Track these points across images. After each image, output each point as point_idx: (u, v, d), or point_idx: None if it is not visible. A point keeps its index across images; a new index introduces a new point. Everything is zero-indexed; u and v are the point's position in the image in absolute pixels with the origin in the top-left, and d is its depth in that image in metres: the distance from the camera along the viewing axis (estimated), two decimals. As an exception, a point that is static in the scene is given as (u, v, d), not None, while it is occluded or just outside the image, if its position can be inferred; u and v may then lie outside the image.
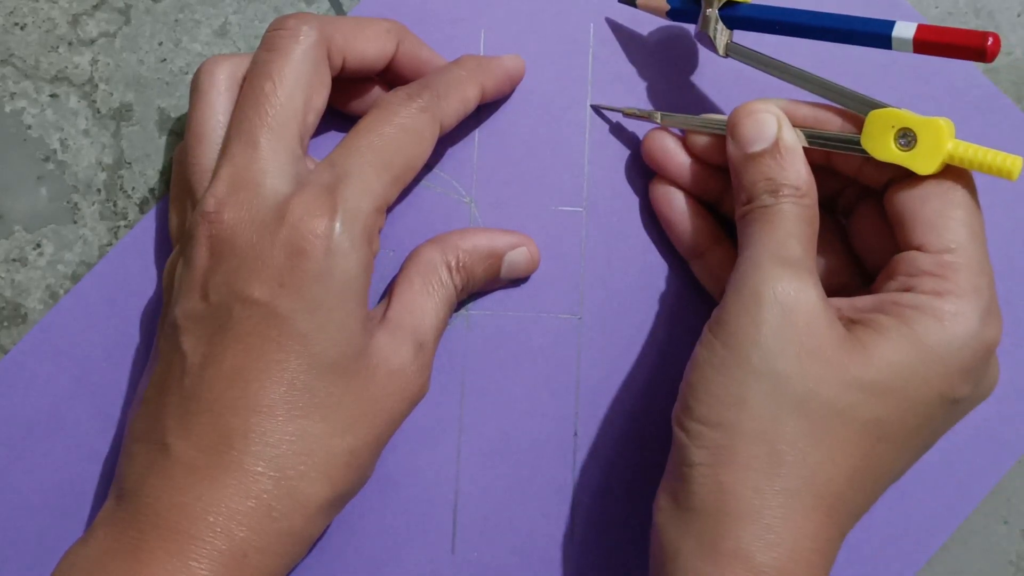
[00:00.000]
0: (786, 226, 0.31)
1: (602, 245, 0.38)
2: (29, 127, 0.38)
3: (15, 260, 0.38)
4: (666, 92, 0.38)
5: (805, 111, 0.34)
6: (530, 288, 0.37)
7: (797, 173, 0.32)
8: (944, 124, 0.31)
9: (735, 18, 0.34)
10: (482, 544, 0.36)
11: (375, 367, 0.32)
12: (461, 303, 0.37)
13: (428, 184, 0.38)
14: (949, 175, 0.31)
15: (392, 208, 0.37)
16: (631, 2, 0.37)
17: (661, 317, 0.37)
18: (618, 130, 0.38)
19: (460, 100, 0.35)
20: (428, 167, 0.38)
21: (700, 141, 0.36)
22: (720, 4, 0.34)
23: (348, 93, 0.36)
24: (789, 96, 0.34)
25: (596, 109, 0.38)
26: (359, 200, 0.31)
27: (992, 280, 0.31)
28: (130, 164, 0.38)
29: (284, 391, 0.30)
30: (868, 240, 0.34)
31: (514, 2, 0.39)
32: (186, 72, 0.38)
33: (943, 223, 0.31)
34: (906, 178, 0.32)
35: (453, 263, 0.35)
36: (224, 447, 0.30)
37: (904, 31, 0.31)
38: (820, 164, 0.34)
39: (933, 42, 0.30)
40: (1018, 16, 0.40)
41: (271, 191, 0.31)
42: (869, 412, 0.30)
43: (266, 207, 0.31)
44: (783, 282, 0.30)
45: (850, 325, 0.31)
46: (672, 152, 0.36)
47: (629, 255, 0.38)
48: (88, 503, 0.36)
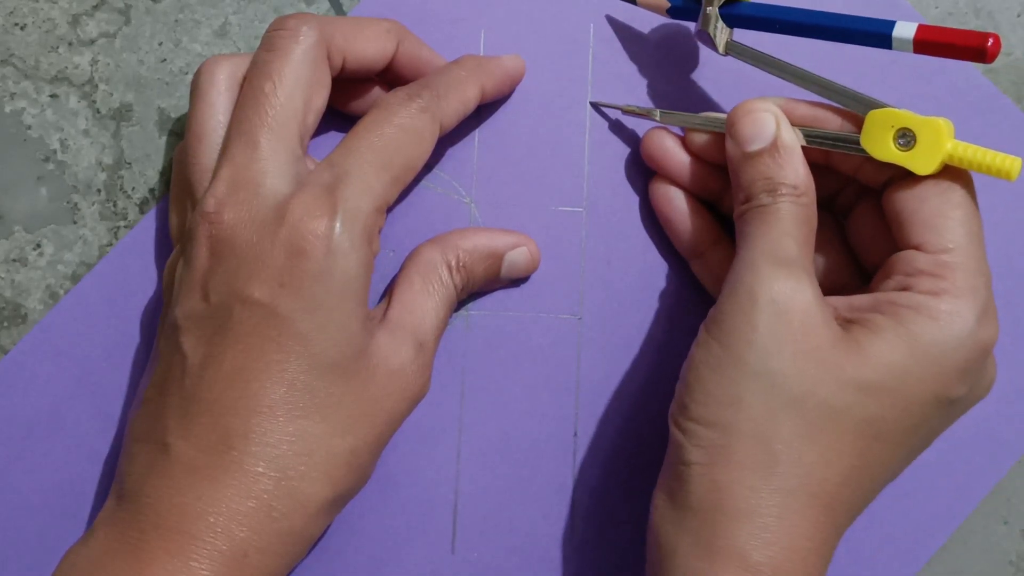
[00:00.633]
0: (783, 225, 0.31)
1: (602, 245, 0.38)
2: (29, 127, 0.38)
3: (15, 260, 0.38)
4: (666, 90, 0.38)
5: (804, 110, 0.34)
6: (530, 288, 0.37)
7: (795, 172, 0.32)
8: (943, 124, 0.31)
9: (735, 16, 0.34)
10: (482, 544, 0.36)
11: (375, 367, 0.32)
12: (461, 303, 0.37)
13: (428, 184, 0.38)
14: (948, 175, 0.31)
15: (392, 208, 0.37)
16: (632, 0, 0.37)
17: (661, 317, 0.37)
18: (618, 129, 0.38)
19: (460, 100, 0.35)
20: (428, 167, 0.38)
21: (699, 139, 0.36)
22: (720, 2, 0.34)
23: (348, 93, 0.36)
24: (789, 95, 0.34)
25: (595, 106, 0.38)
26: (359, 200, 0.31)
27: (989, 281, 0.31)
28: (130, 164, 0.38)
29: (284, 391, 0.30)
30: (866, 239, 0.34)
31: (514, 2, 0.39)
32: (186, 72, 0.38)
33: (942, 223, 0.31)
34: (905, 178, 0.32)
35: (453, 263, 0.35)
36: (224, 447, 0.30)
37: (904, 31, 0.31)
38: (819, 163, 0.34)
39: (933, 42, 0.30)
40: (1018, 16, 0.40)
41: (271, 191, 0.31)
42: (864, 412, 0.30)
43: (266, 207, 0.31)
44: (778, 282, 0.30)
45: (846, 325, 0.31)
46: (671, 151, 0.36)
47: (629, 255, 0.38)
48: (88, 503, 0.36)
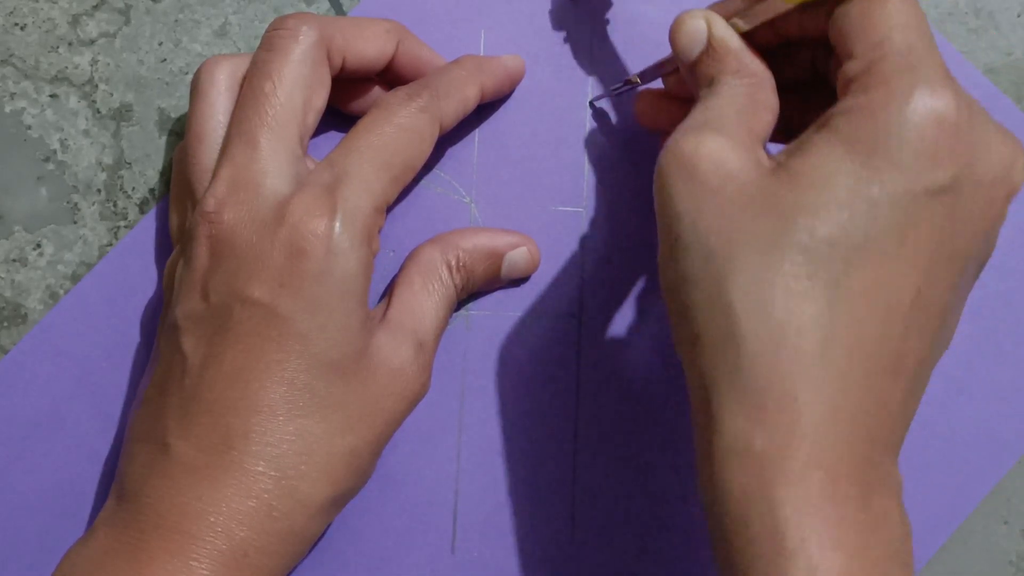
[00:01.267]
0: (713, 99, 0.29)
1: (602, 245, 0.38)
2: (29, 127, 0.38)
3: (15, 260, 0.38)
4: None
5: (737, 2, 0.31)
6: (530, 288, 0.37)
7: (736, 62, 0.30)
8: None
9: None
10: (482, 544, 0.37)
11: (375, 367, 0.32)
12: (461, 303, 0.37)
13: (428, 184, 0.38)
14: None
15: (392, 208, 0.37)
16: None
17: (661, 317, 0.37)
18: (618, 128, 0.38)
19: (460, 100, 0.35)
20: (428, 167, 0.38)
21: (673, 82, 0.35)
22: None
23: (348, 93, 0.36)
24: None
25: (593, 104, 0.38)
26: (358, 200, 0.31)
27: (936, 58, 0.27)
28: (130, 164, 0.38)
29: (284, 391, 0.30)
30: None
31: (514, 2, 0.39)
32: (186, 72, 0.38)
33: (867, 23, 0.27)
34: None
35: (453, 263, 0.35)
36: (224, 447, 0.30)
37: None
38: (778, 43, 0.32)
39: None
40: (1018, 16, 0.40)
41: (271, 191, 0.31)
42: (815, 234, 0.26)
43: (266, 207, 0.31)
44: (685, 146, 0.28)
45: (783, 161, 0.28)
46: (662, 107, 0.36)
47: (629, 255, 0.38)
48: (88, 503, 0.36)
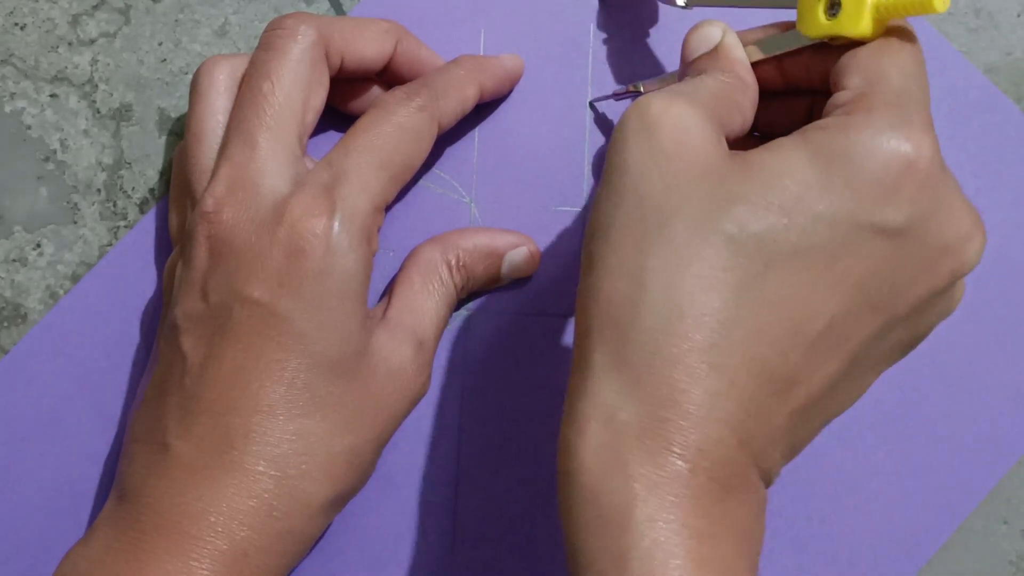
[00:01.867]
0: (689, 81, 0.29)
1: (602, 245, 0.38)
2: (29, 127, 0.38)
3: (15, 260, 0.38)
4: (655, 67, 0.38)
5: (756, 32, 0.32)
6: (530, 288, 0.37)
7: (731, 64, 0.30)
8: None
9: None
10: (482, 544, 0.36)
11: (375, 366, 0.32)
12: (461, 303, 0.37)
13: (428, 184, 0.38)
14: (886, 35, 0.29)
15: (392, 208, 0.37)
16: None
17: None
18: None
19: (458, 100, 0.35)
20: (427, 166, 0.38)
21: None
22: None
23: (347, 92, 0.36)
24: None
25: (593, 105, 0.38)
26: (357, 199, 0.31)
27: (926, 109, 0.27)
28: (130, 164, 0.38)
29: (284, 390, 0.30)
30: None
31: (514, 2, 0.39)
32: (186, 72, 0.38)
33: (870, 63, 0.28)
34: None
35: (453, 262, 0.35)
36: (225, 447, 0.30)
37: None
38: (781, 88, 0.32)
39: None
40: (1018, 16, 0.40)
41: (269, 191, 0.31)
42: (746, 229, 0.26)
43: (265, 207, 0.31)
44: (653, 105, 0.27)
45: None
46: None
47: (629, 255, 0.38)
48: (88, 503, 0.36)
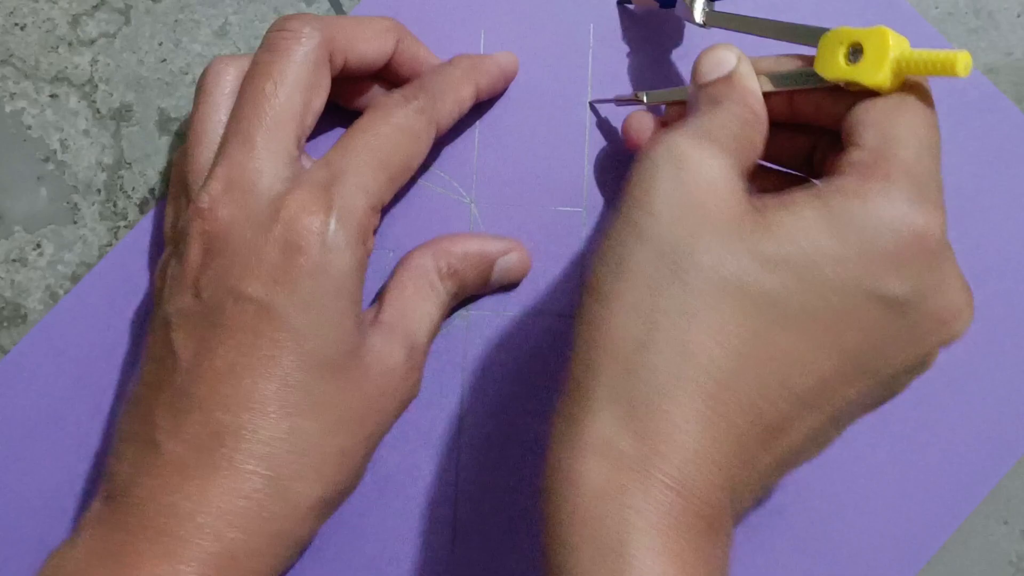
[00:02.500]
0: (710, 113, 0.29)
1: (602, 245, 0.38)
2: (29, 127, 0.38)
3: (15, 260, 0.38)
4: (661, 78, 0.38)
5: (769, 61, 0.32)
6: (530, 288, 0.37)
7: (745, 97, 0.30)
8: (889, 31, 0.29)
9: None
10: (482, 544, 0.36)
11: (368, 366, 0.32)
12: (453, 308, 0.37)
13: (427, 183, 0.38)
14: (902, 91, 0.29)
15: (391, 208, 0.37)
16: (627, 1, 0.37)
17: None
18: (617, 129, 0.38)
19: (455, 101, 0.35)
20: (426, 166, 0.38)
21: (676, 112, 0.35)
22: None
23: (346, 90, 0.36)
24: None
25: (593, 106, 0.38)
26: (354, 198, 0.31)
27: (939, 183, 0.28)
28: (130, 164, 0.38)
29: (277, 388, 0.30)
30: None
31: (514, 2, 0.39)
32: (186, 72, 0.38)
33: (886, 122, 0.28)
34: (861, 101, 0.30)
35: (445, 269, 0.35)
36: (215, 444, 0.29)
37: None
38: (787, 120, 0.32)
39: None
40: (1018, 16, 0.40)
41: (266, 189, 0.31)
42: (761, 287, 0.26)
43: (261, 205, 0.31)
44: (683, 148, 0.28)
45: (765, 206, 0.28)
46: (650, 130, 0.35)
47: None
48: (87, 503, 0.36)
